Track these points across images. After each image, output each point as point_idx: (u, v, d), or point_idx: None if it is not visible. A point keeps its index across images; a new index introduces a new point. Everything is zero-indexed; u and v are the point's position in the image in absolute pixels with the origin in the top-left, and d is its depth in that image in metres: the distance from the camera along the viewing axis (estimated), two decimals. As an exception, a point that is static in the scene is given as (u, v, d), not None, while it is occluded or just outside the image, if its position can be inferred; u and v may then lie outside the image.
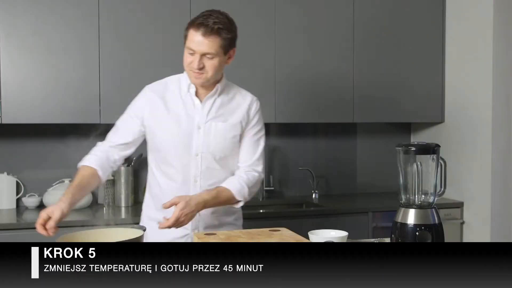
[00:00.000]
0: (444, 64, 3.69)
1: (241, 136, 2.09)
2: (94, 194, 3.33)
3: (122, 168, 3.27)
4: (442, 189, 1.88)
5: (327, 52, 3.46)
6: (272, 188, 3.68)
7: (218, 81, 2.05)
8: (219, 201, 2.01)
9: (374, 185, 3.93)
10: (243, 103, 2.11)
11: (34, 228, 2.76)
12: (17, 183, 3.25)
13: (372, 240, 2.09)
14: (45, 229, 1.77)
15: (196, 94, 2.04)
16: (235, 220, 2.19)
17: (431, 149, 1.83)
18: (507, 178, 3.34)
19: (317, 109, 3.45)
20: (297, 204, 3.61)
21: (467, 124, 3.49)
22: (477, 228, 3.41)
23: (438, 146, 1.83)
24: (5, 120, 2.99)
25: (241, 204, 2.08)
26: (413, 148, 1.82)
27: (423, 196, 1.84)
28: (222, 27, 1.91)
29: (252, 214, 3.21)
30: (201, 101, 2.04)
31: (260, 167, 2.13)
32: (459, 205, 3.50)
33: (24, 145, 3.33)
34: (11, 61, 2.99)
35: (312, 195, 3.65)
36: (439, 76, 3.68)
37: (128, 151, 2.08)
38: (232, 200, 2.04)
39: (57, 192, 3.13)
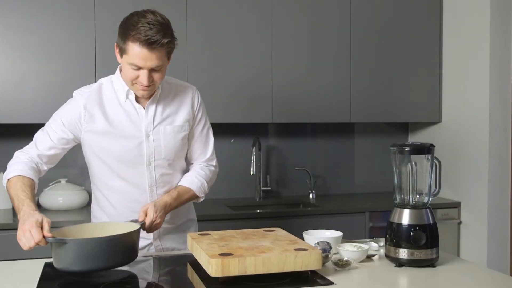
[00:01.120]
0: (441, 64, 3.68)
1: (189, 135, 2.02)
2: (90, 195, 3.32)
3: (119, 168, 3.26)
4: (437, 189, 1.87)
5: (324, 51, 3.46)
6: (269, 188, 3.68)
7: None
8: (181, 201, 1.99)
9: (371, 185, 3.93)
10: (185, 98, 2.00)
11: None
12: (14, 183, 3.24)
13: (367, 240, 2.09)
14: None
15: (136, 99, 1.91)
16: (188, 215, 2.17)
17: (425, 149, 1.82)
18: (504, 178, 3.34)
19: (313, 109, 3.45)
20: (294, 204, 3.61)
21: (464, 124, 3.49)
22: (474, 228, 3.40)
23: (432, 146, 1.83)
24: (1, 120, 2.99)
25: (202, 199, 2.08)
26: (408, 148, 1.82)
27: (418, 196, 1.84)
28: (170, 39, 1.77)
29: (249, 214, 3.21)
30: (143, 106, 1.92)
31: (215, 161, 2.13)
32: (456, 205, 3.49)
33: (20, 145, 3.28)
34: (7, 61, 2.98)
35: (309, 195, 3.65)
36: (436, 76, 3.68)
37: (53, 165, 1.96)
38: (193, 197, 2.04)
39: (54, 192, 3.13)
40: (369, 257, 1.88)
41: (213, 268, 1.50)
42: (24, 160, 1.87)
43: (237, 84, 3.31)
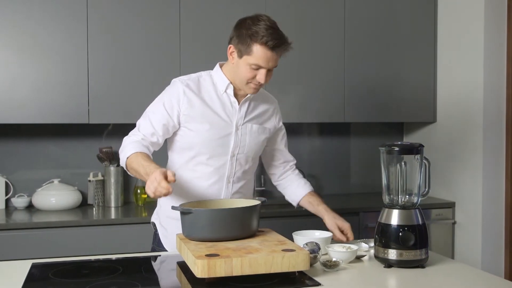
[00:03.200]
0: (436, 63, 3.67)
1: (276, 140, 2.21)
2: (84, 194, 3.32)
3: (112, 168, 3.25)
4: (426, 189, 1.86)
5: (317, 50, 3.45)
6: (264, 188, 3.67)
7: None
8: None
9: (367, 185, 3.92)
10: (270, 106, 2.17)
11: (23, 229, 2.79)
12: (6, 184, 3.24)
13: (358, 241, 2.08)
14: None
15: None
16: None
17: (414, 149, 1.81)
18: (498, 178, 3.33)
19: (307, 109, 3.44)
20: (289, 204, 3.58)
21: (459, 124, 3.48)
22: (468, 228, 3.40)
23: (421, 146, 1.82)
24: (-7, 120, 2.99)
25: None
26: (396, 148, 1.81)
27: (407, 196, 1.83)
28: (289, 43, 1.92)
29: (243, 214, 3.19)
30: (238, 101, 2.03)
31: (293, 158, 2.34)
32: (451, 205, 3.48)
33: (13, 145, 3.32)
34: (0, 61, 2.97)
35: (304, 195, 3.64)
36: (431, 76, 3.67)
37: (157, 148, 2.05)
38: None
39: (47, 193, 3.12)
40: (358, 258, 1.87)
41: (199, 269, 1.49)
42: (136, 140, 1.97)
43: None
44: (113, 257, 1.92)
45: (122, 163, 1.97)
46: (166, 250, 2.11)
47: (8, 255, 2.72)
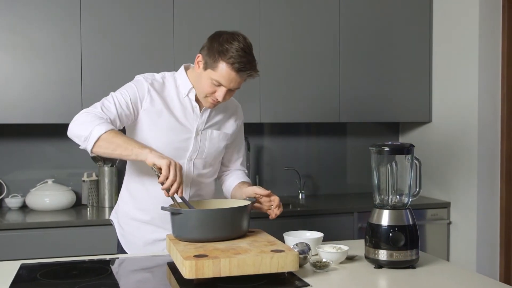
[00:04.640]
0: (431, 63, 3.67)
1: (227, 145, 2.14)
2: (78, 194, 3.32)
3: (106, 168, 3.25)
4: (417, 189, 1.85)
5: (312, 50, 3.44)
6: (259, 188, 3.66)
7: None
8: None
9: (363, 185, 3.91)
10: (233, 113, 2.15)
11: (17, 229, 2.78)
12: (0, 184, 3.23)
13: (355, 240, 2.07)
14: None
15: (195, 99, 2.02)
16: None
17: (405, 149, 1.81)
18: (493, 178, 3.33)
19: (302, 109, 3.43)
20: (284, 204, 3.56)
21: (454, 124, 3.48)
22: (463, 228, 3.39)
23: (412, 146, 1.81)
24: (-14, 120, 2.98)
25: None
26: (387, 148, 1.80)
27: (398, 196, 1.82)
28: (256, 71, 1.90)
29: (237, 215, 3.19)
30: (199, 107, 2.01)
31: (246, 169, 2.27)
32: (446, 205, 3.48)
33: (7, 145, 3.31)
34: (-7, 61, 2.97)
35: (299, 196, 3.63)
36: (426, 76, 3.67)
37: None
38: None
39: (40, 193, 3.12)
40: (350, 259, 1.86)
41: (187, 269, 1.49)
42: (104, 117, 1.85)
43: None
44: (107, 257, 1.91)
45: (93, 135, 1.81)
46: (125, 252, 2.08)
47: (2, 256, 2.71)
